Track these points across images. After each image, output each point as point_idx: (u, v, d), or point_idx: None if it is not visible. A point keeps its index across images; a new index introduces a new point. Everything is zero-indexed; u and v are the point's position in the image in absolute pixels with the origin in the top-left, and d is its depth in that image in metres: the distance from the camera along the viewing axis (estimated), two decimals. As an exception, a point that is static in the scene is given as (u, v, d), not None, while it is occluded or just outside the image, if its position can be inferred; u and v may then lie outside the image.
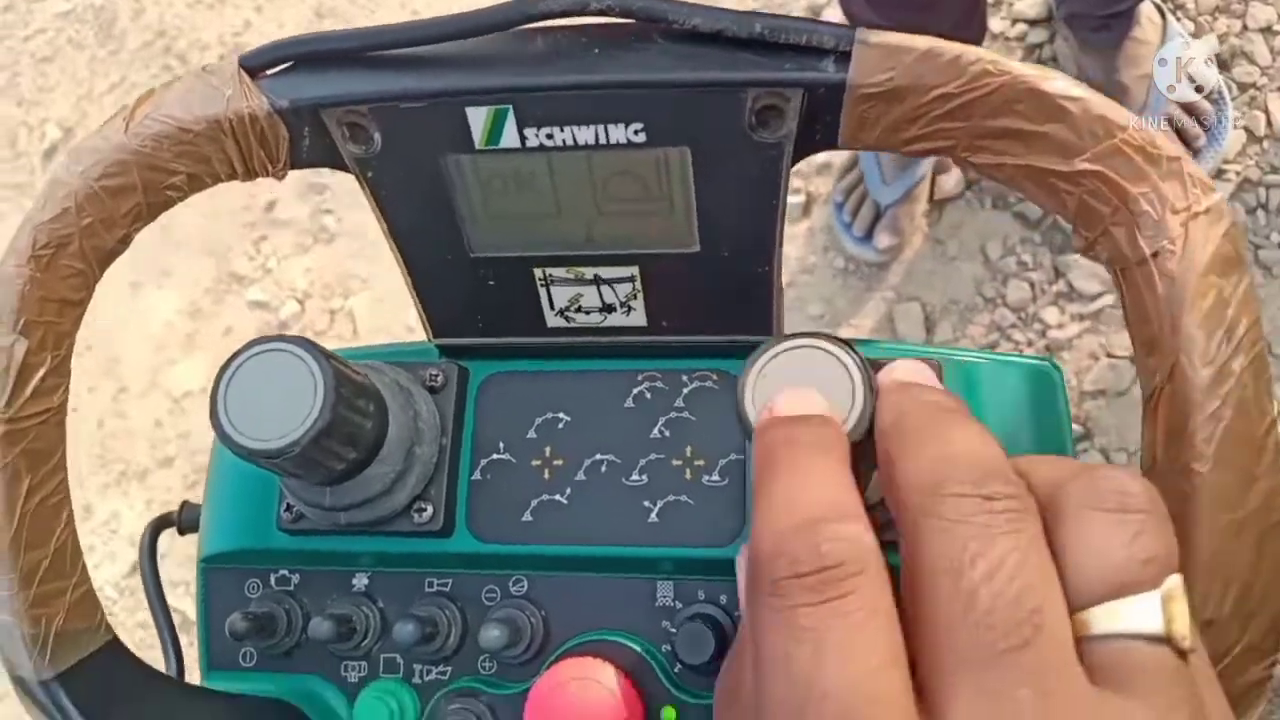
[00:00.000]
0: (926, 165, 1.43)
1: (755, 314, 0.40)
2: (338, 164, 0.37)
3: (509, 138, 0.35)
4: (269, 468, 0.37)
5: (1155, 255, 0.30)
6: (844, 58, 0.32)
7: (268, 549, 0.44)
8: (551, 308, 0.41)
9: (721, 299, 0.39)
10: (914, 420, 0.27)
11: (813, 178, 1.52)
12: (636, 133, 0.34)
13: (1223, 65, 1.48)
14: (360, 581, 0.44)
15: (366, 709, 0.42)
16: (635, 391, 0.42)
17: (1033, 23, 1.55)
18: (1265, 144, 1.45)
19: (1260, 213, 1.44)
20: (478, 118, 0.35)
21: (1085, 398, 1.42)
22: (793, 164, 0.35)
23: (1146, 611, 0.22)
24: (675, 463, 0.41)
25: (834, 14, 1.54)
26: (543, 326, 0.41)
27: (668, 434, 0.41)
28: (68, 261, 0.37)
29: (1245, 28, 1.50)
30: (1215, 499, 0.29)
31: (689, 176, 0.36)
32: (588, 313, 0.41)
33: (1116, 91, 1.41)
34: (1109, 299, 1.43)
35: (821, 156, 1.53)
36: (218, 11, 1.96)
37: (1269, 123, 1.46)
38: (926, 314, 1.51)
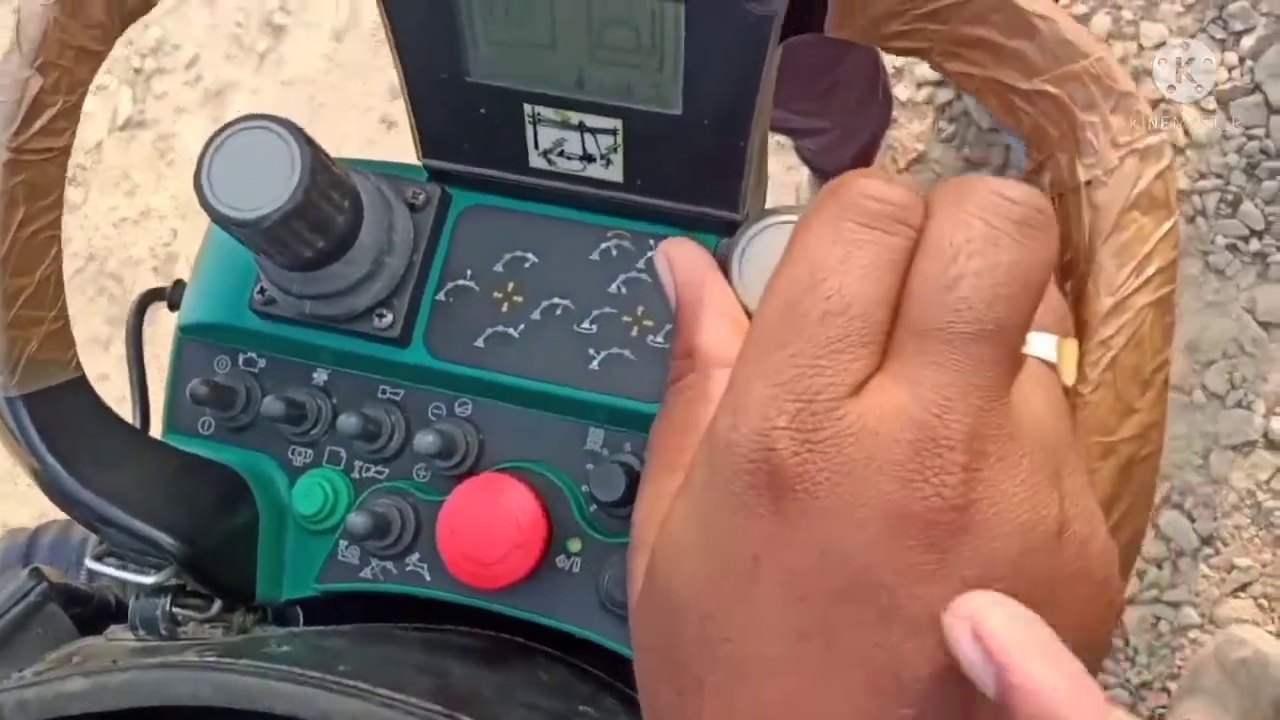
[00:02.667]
0: None
1: (726, 189, 0.41)
2: None
3: None
4: (243, 238, 0.39)
5: (1088, 184, 0.31)
6: None
7: (239, 327, 0.46)
8: (536, 147, 0.42)
9: (697, 167, 0.41)
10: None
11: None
12: None
13: None
14: (320, 376, 0.46)
15: (304, 490, 0.45)
16: (603, 246, 0.44)
17: (937, 84, 1.56)
18: (1188, 153, 1.46)
19: (1200, 220, 1.44)
20: None
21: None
22: (781, 40, 0.36)
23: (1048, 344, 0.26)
24: (625, 319, 0.43)
25: None
26: (525, 164, 0.43)
27: (624, 291, 0.43)
28: (92, 11, 0.40)
29: (1142, 48, 1.49)
30: (1091, 420, 0.31)
31: (680, 34, 0.37)
32: (569, 158, 0.42)
33: None
34: None
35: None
36: (143, 227, 1.96)
37: (1186, 132, 1.46)
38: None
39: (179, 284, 0.53)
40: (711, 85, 0.38)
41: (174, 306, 0.53)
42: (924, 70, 1.58)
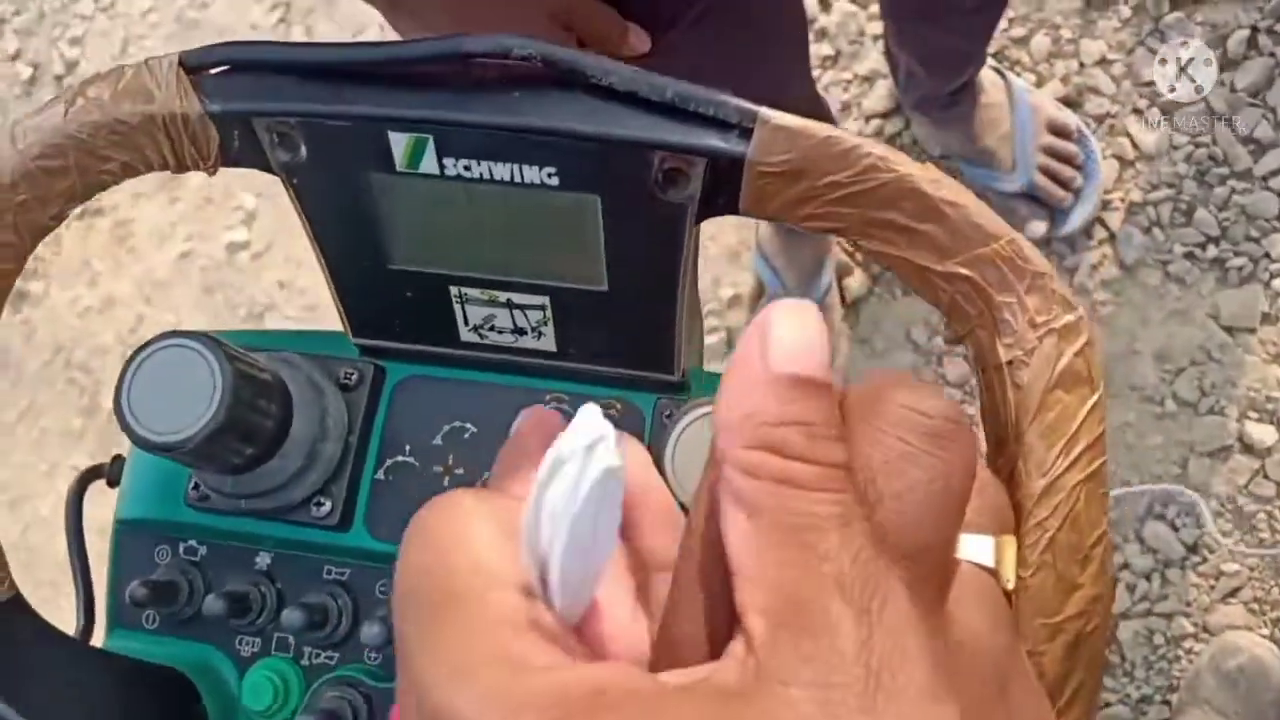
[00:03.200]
0: (829, 274, 1.43)
1: (660, 353, 0.41)
2: (266, 167, 0.38)
3: (428, 164, 0.36)
4: (169, 458, 0.38)
5: (1010, 364, 0.31)
6: (747, 133, 0.33)
7: (176, 521, 0.45)
8: (465, 323, 0.42)
9: (628, 335, 0.41)
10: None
11: (726, 314, 1.53)
12: (550, 176, 0.35)
13: (1075, 104, 1.50)
14: (263, 560, 0.45)
15: (253, 684, 0.44)
16: None
17: (884, 115, 1.57)
18: (1138, 165, 1.47)
19: (1156, 230, 1.44)
20: (399, 142, 0.36)
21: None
22: (697, 222, 0.36)
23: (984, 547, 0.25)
24: None
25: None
26: (457, 340, 0.43)
27: None
28: (0, 234, 0.39)
29: (1082, 65, 1.51)
30: (1034, 603, 0.30)
31: (599, 222, 0.37)
32: (500, 332, 0.42)
33: (984, 159, 1.43)
34: None
35: (728, 290, 1.54)
36: (107, 315, 1.95)
37: (1134, 145, 1.48)
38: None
39: (118, 459, 0.52)
40: (634, 264, 0.38)
41: (113, 483, 0.52)
42: (872, 103, 1.59)
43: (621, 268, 0.38)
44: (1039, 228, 1.44)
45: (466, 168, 0.36)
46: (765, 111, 0.33)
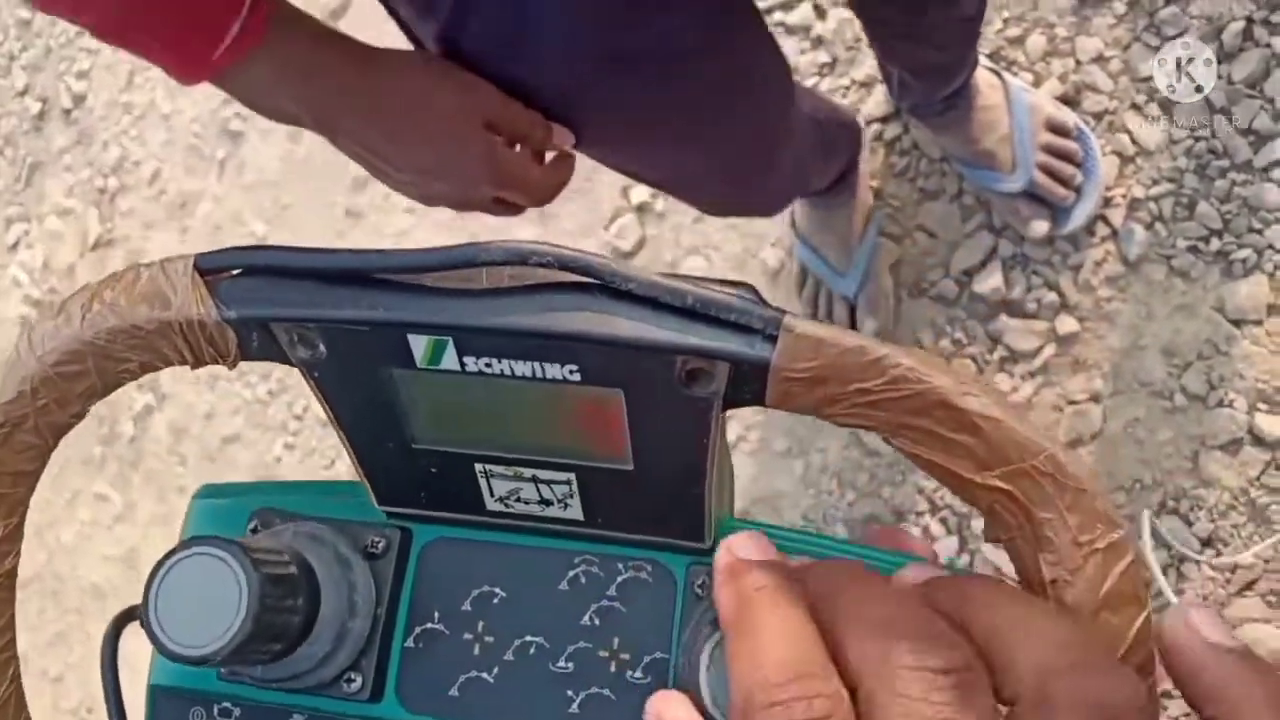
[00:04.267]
0: (872, 234, 1.42)
1: (689, 524, 0.40)
2: (285, 361, 0.37)
3: (449, 362, 0.35)
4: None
5: (1054, 582, 0.30)
6: (770, 339, 0.32)
7: (209, 690, 0.45)
8: (491, 495, 0.41)
9: (656, 509, 0.40)
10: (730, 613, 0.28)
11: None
12: (572, 373, 0.34)
13: (1073, 102, 1.48)
14: None
15: None
16: (571, 574, 0.42)
17: (884, 119, 1.55)
18: (1138, 160, 1.44)
19: (1159, 225, 1.43)
20: (419, 343, 0.35)
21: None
22: (723, 412, 0.35)
23: None
24: (602, 654, 0.42)
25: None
26: (483, 509, 0.42)
27: (598, 622, 0.42)
28: (23, 437, 0.38)
29: (1079, 62, 1.49)
30: None
31: (622, 413, 0.36)
32: (526, 503, 0.41)
33: (984, 160, 1.41)
34: (1049, 349, 1.43)
35: (773, 262, 1.55)
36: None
37: (1134, 140, 1.45)
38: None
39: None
40: (660, 449, 0.37)
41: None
42: (870, 108, 1.56)
43: (646, 451, 0.37)
44: (1041, 226, 1.42)
45: (488, 365, 0.35)
46: (789, 319, 0.32)
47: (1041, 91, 1.47)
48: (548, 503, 0.41)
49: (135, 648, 0.48)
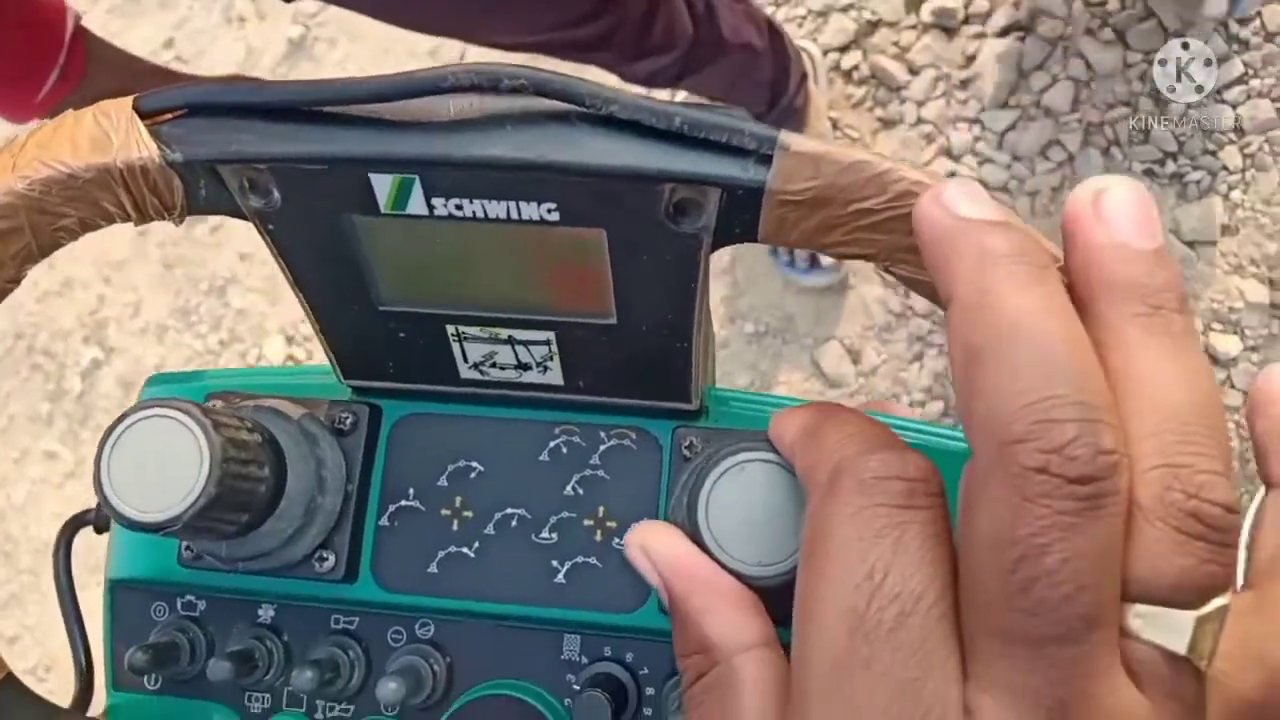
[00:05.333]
0: None
1: (675, 383, 0.38)
2: (236, 213, 0.34)
3: (416, 205, 0.32)
4: (155, 535, 0.35)
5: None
6: (765, 160, 0.29)
7: (171, 580, 0.42)
8: (465, 361, 0.38)
9: (640, 368, 0.37)
10: (996, 322, 0.22)
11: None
12: (550, 211, 0.32)
13: (1028, 29, 1.48)
14: (266, 613, 0.42)
15: None
16: (551, 445, 0.40)
17: (842, 49, 1.54)
18: (1093, 85, 1.45)
19: (1115, 149, 1.44)
20: (382, 184, 0.32)
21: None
22: (712, 251, 0.32)
23: (1176, 628, 0.21)
24: (586, 523, 0.39)
25: None
26: (456, 377, 0.39)
27: (581, 491, 0.40)
28: None
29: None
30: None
31: (604, 256, 0.33)
32: (502, 369, 0.38)
33: None
34: None
35: None
36: (67, 297, 1.88)
37: (1089, 65, 1.45)
38: (846, 347, 1.50)
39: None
40: (644, 297, 0.34)
41: (101, 529, 0.48)
42: (827, 37, 1.54)
43: (630, 300, 0.35)
44: (1219, 5, 1.39)
45: (458, 207, 0.32)
46: (785, 136, 0.29)
47: (994, 20, 1.45)
48: (525, 367, 0.38)
49: (89, 579, 0.45)
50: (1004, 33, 1.47)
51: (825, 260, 1.43)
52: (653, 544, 0.30)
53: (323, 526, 0.39)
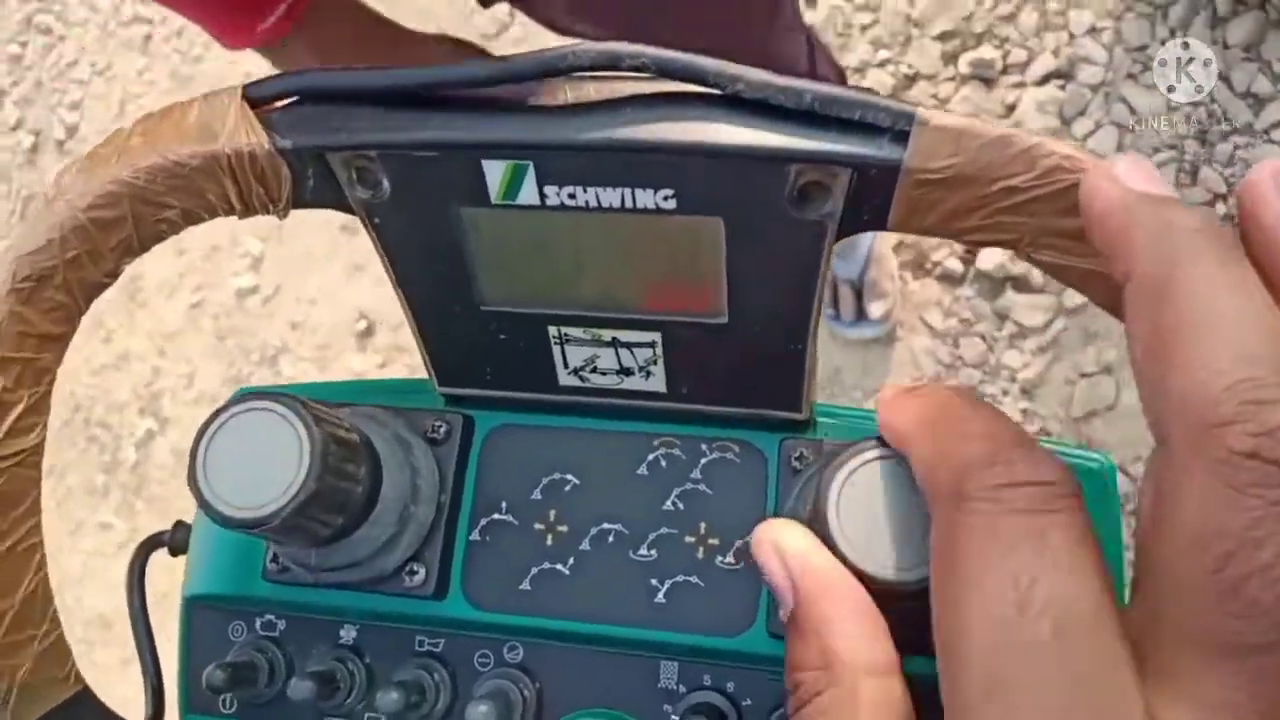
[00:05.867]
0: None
1: (785, 390, 0.36)
2: (343, 205, 0.33)
3: (528, 194, 0.31)
4: (249, 534, 0.33)
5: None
6: (901, 137, 0.28)
7: (253, 596, 0.40)
8: (565, 366, 0.37)
9: (749, 372, 0.36)
10: (1192, 299, 0.21)
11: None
12: (666, 199, 0.30)
13: (1068, 76, 1.46)
14: (349, 634, 0.40)
15: None
16: (650, 458, 0.38)
17: (891, 95, 1.49)
18: (1137, 129, 1.43)
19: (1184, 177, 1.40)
20: (494, 171, 0.31)
21: (1079, 423, 1.39)
22: (836, 241, 0.31)
23: None
24: (688, 539, 0.37)
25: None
26: (554, 384, 0.38)
27: (681, 506, 0.38)
28: (50, 295, 0.34)
29: (1072, 35, 1.48)
30: None
31: (720, 248, 0.32)
32: (603, 374, 0.37)
33: None
34: (1059, 323, 1.41)
35: None
36: (123, 370, 1.91)
37: (1131, 110, 1.44)
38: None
39: (180, 525, 0.47)
40: (761, 292, 0.33)
41: (176, 552, 0.47)
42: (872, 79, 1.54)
43: (745, 296, 0.33)
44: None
45: (571, 195, 0.31)
46: (923, 112, 0.28)
47: (1034, 69, 1.45)
48: (627, 372, 0.37)
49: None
50: (1044, 80, 1.46)
51: (873, 312, 1.41)
52: (786, 541, 0.28)
53: (415, 537, 0.37)
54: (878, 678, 0.24)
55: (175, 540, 0.46)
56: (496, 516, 0.39)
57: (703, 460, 0.38)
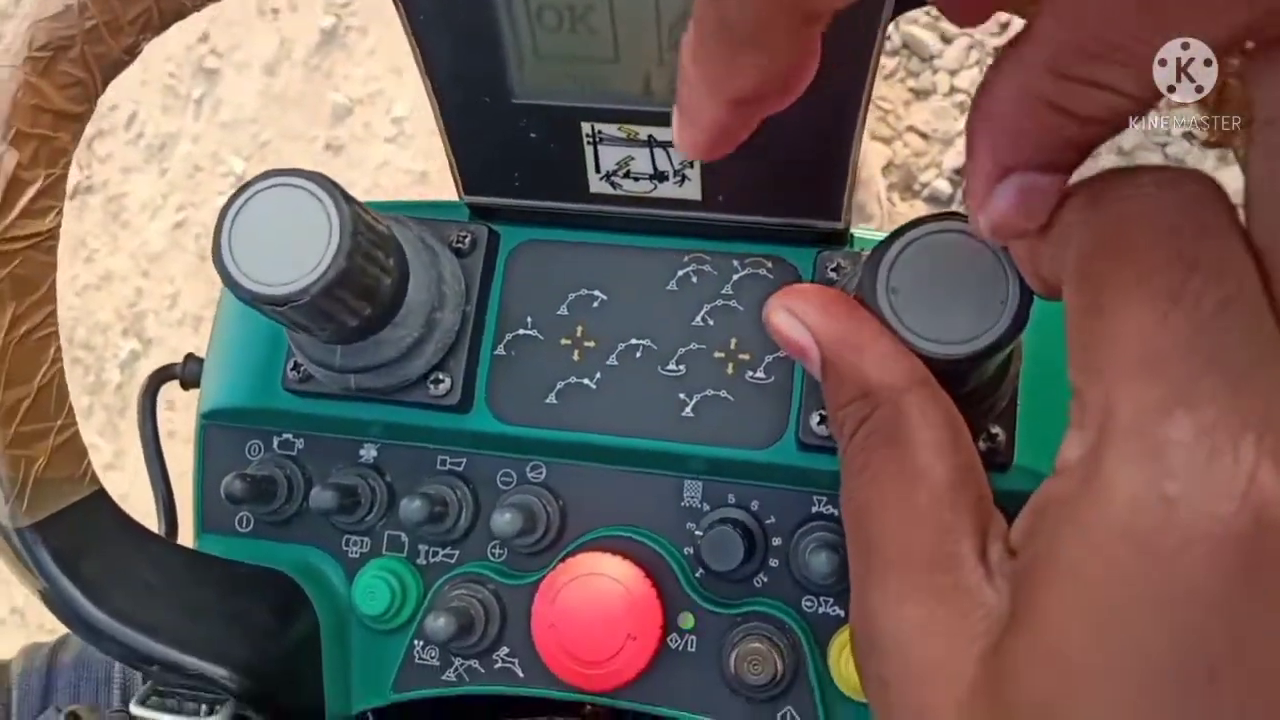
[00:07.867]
0: None
1: (826, 194, 0.34)
2: None
3: None
4: (275, 316, 0.32)
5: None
6: None
7: (272, 409, 0.39)
8: (597, 170, 0.36)
9: (790, 175, 0.34)
10: None
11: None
12: None
13: None
14: (369, 453, 0.39)
15: (366, 587, 0.38)
16: (680, 273, 0.37)
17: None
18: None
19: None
20: None
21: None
22: (892, 18, 0.30)
23: None
24: (717, 354, 0.36)
25: None
26: (585, 191, 0.36)
27: (711, 322, 0.37)
28: (67, 68, 0.32)
29: None
30: None
31: None
32: (636, 179, 0.36)
33: None
34: None
35: None
36: (106, 291, 1.86)
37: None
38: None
39: (190, 359, 0.46)
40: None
41: (188, 385, 0.46)
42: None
43: None
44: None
45: None
46: None
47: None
48: (662, 176, 0.35)
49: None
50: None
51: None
52: (797, 302, 0.26)
53: (440, 345, 0.36)
54: (915, 389, 0.24)
55: (186, 373, 0.45)
56: (522, 331, 0.37)
57: (735, 276, 0.37)
